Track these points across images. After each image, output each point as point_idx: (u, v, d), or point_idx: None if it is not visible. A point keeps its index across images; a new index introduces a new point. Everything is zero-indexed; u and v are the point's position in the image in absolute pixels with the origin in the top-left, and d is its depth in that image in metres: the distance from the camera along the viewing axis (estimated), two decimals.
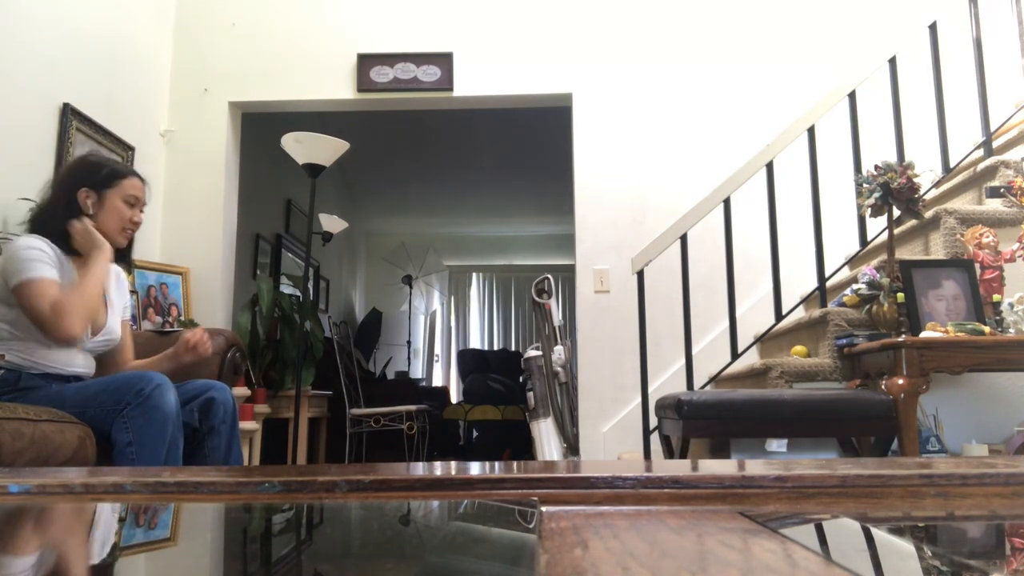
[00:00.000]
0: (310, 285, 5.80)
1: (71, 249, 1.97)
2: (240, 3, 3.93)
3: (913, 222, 2.81)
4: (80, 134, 3.06)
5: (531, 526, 0.52)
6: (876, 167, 2.57)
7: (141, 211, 2.09)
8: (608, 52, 3.84)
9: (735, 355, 2.96)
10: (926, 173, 2.88)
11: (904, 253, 2.96)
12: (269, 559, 0.51)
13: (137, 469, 1.23)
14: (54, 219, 1.96)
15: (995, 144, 3.04)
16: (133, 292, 3.03)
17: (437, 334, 8.84)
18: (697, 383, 3.06)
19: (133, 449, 1.71)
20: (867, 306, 2.64)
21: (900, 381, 2.22)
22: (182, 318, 3.55)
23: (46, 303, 1.81)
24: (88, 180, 2.00)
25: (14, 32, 2.70)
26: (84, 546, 0.53)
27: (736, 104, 3.76)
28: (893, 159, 2.73)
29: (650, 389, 2.97)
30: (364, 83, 3.82)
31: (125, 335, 2.15)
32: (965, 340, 2.26)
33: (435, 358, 8.78)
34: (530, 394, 2.96)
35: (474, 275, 9.00)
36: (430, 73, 3.82)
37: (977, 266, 2.53)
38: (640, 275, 2.96)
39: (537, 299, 3.04)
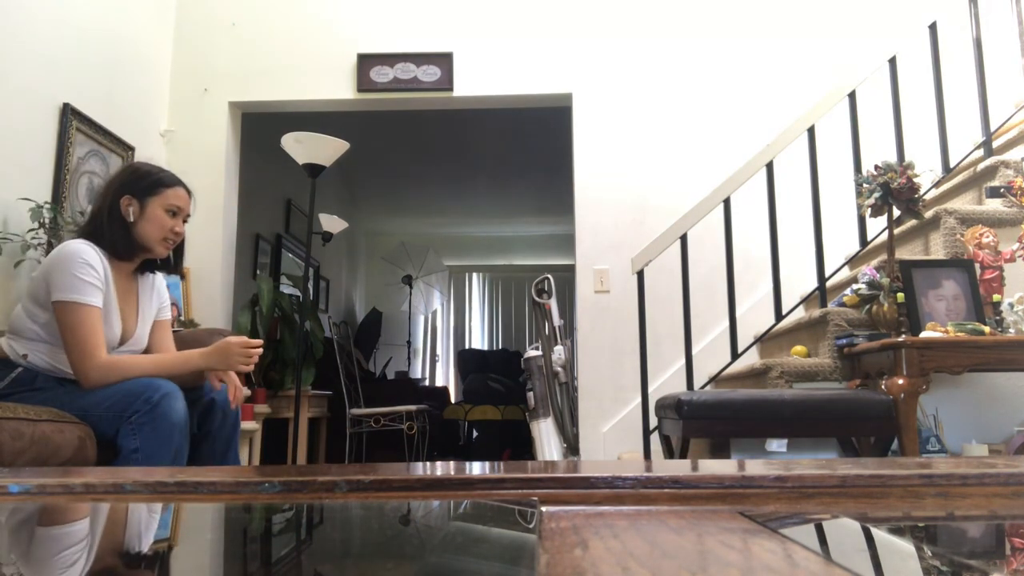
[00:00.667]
0: (310, 285, 5.80)
1: (117, 254, 1.96)
2: (240, 3, 3.93)
3: (913, 222, 2.81)
4: (80, 134, 3.06)
5: (531, 526, 0.52)
6: (876, 167, 2.57)
7: (184, 221, 2.06)
8: (608, 52, 3.84)
9: (735, 355, 2.96)
10: (926, 173, 2.88)
11: (904, 253, 2.96)
12: (269, 559, 0.51)
13: (136, 469, 1.23)
14: (100, 226, 1.95)
15: (995, 144, 3.04)
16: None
17: (437, 334, 8.85)
18: (697, 383, 3.06)
19: (139, 456, 1.71)
20: (867, 306, 2.64)
21: (900, 381, 2.22)
22: (182, 318, 3.55)
23: (92, 343, 1.80)
24: (131, 187, 1.98)
25: (14, 32, 2.70)
26: (84, 546, 0.53)
27: (736, 104, 3.76)
28: (893, 159, 2.73)
29: (650, 389, 2.97)
30: (364, 83, 3.82)
31: (164, 336, 2.13)
32: (965, 340, 2.26)
33: (435, 358, 8.78)
34: (530, 394, 2.96)
35: (474, 275, 9.01)
36: (430, 73, 3.82)
37: (977, 266, 2.53)
38: (640, 275, 2.95)
39: (537, 299, 3.05)
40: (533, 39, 3.85)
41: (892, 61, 3.06)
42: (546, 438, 2.88)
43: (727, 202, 2.95)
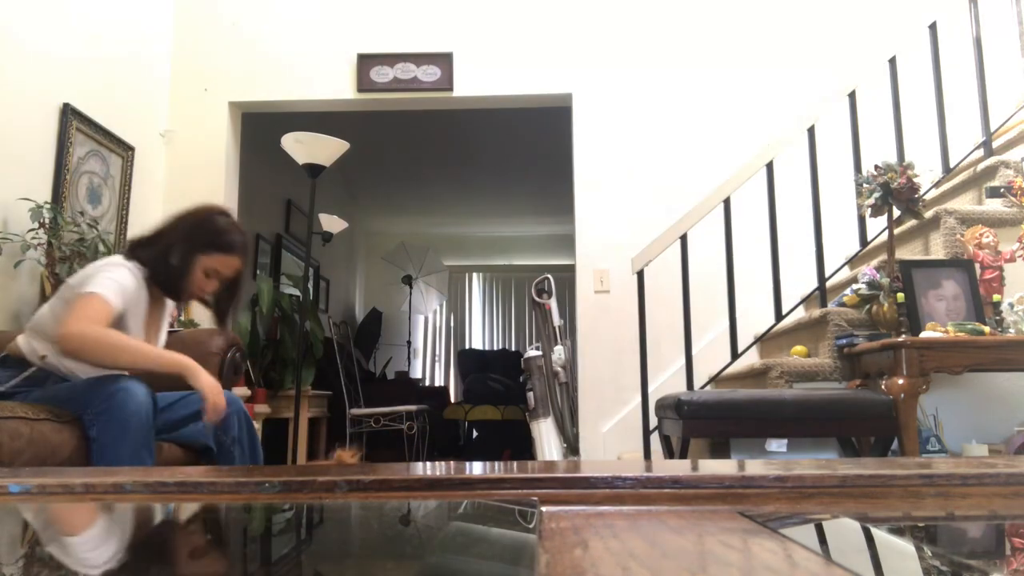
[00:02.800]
0: (310, 285, 5.80)
1: (153, 279, 1.97)
2: (240, 3, 3.93)
3: (913, 222, 2.81)
4: (80, 134, 3.06)
5: (531, 526, 0.52)
6: (876, 167, 2.57)
7: (222, 282, 2.04)
8: (608, 53, 3.84)
9: (735, 355, 2.96)
10: (926, 173, 2.88)
11: (904, 253, 2.96)
12: (269, 559, 0.51)
13: (137, 469, 1.23)
14: (158, 257, 1.96)
15: (995, 144, 3.04)
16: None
17: (437, 334, 8.85)
18: (697, 383, 3.06)
19: (96, 446, 1.72)
20: (867, 306, 2.64)
21: (900, 381, 2.22)
22: (182, 318, 3.55)
23: (82, 315, 1.77)
24: (199, 238, 1.97)
25: (14, 32, 2.70)
26: (84, 546, 0.53)
27: (736, 104, 3.76)
28: (893, 159, 2.73)
29: (650, 389, 2.96)
30: (364, 83, 3.82)
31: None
32: (965, 340, 2.26)
33: (436, 358, 8.78)
34: (530, 394, 2.96)
35: (474, 275, 9.00)
36: (430, 73, 3.81)
37: (977, 266, 2.53)
38: (640, 275, 2.95)
39: (537, 299, 3.04)
40: (533, 39, 3.85)
41: (892, 61, 3.05)
42: (546, 438, 2.87)
43: (727, 202, 2.95)
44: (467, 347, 8.46)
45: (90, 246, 2.82)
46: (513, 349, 8.44)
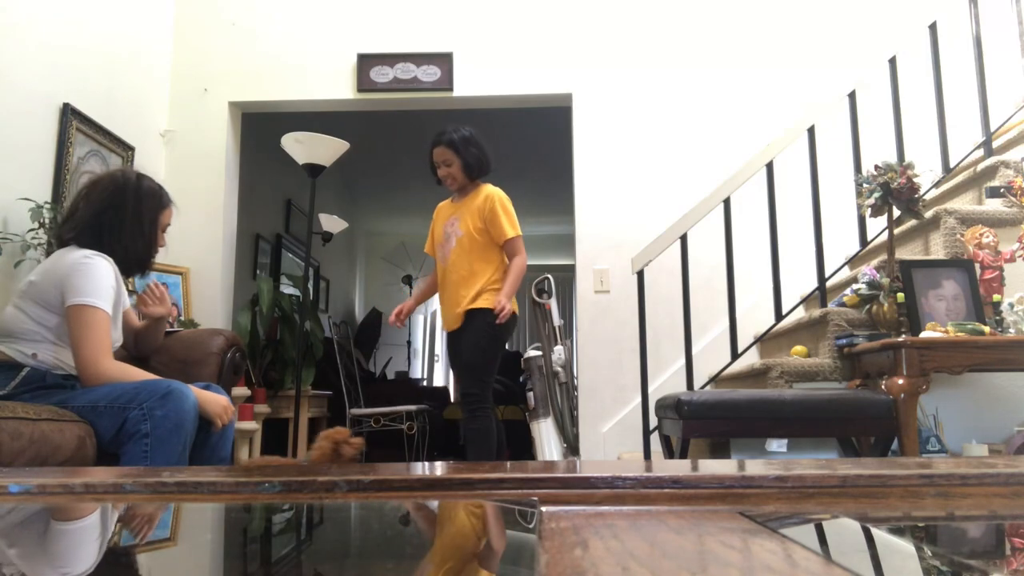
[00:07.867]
0: (310, 285, 5.80)
1: (127, 268, 2.04)
2: (240, 3, 3.93)
3: (913, 222, 2.81)
4: (80, 134, 3.06)
5: (531, 526, 0.52)
6: (876, 167, 2.57)
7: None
8: (608, 53, 3.84)
9: (735, 355, 2.96)
10: (926, 173, 2.88)
11: (904, 253, 2.96)
12: (269, 559, 0.51)
13: (135, 469, 1.23)
14: (122, 238, 1.99)
15: (995, 144, 3.04)
16: (132, 292, 3.03)
17: (437, 334, 8.84)
18: (697, 383, 3.06)
19: (149, 441, 1.74)
20: (867, 306, 2.64)
21: (900, 381, 2.22)
22: (182, 318, 3.55)
23: (102, 345, 1.85)
24: (145, 205, 2.04)
25: (14, 32, 2.70)
26: (85, 546, 0.53)
27: (736, 104, 3.76)
28: (893, 159, 2.73)
29: (650, 389, 2.96)
30: (364, 83, 3.82)
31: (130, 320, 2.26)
32: (965, 340, 2.26)
33: (435, 358, 8.78)
34: (530, 394, 2.95)
35: None
36: (430, 73, 3.81)
37: (977, 266, 2.53)
38: (640, 275, 2.95)
39: (537, 299, 3.04)
40: (533, 39, 3.85)
41: (892, 61, 3.05)
42: (546, 438, 2.87)
43: (727, 202, 2.95)
44: None
45: None
46: (513, 349, 8.44)
